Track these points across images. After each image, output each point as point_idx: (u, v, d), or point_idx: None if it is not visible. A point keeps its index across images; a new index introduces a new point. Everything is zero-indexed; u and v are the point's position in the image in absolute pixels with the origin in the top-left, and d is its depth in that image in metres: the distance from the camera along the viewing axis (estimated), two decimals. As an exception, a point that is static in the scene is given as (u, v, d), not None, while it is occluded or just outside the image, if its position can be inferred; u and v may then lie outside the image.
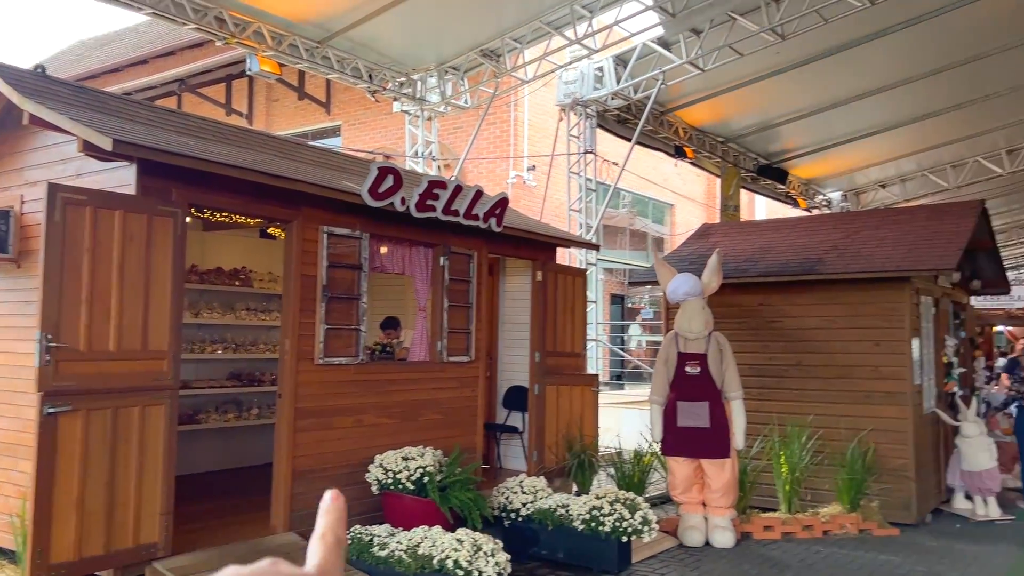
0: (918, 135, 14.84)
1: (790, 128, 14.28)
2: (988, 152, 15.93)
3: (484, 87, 10.79)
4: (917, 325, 7.91)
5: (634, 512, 6.06)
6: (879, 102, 13.03)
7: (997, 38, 11.22)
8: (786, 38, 9.71)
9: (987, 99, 13.27)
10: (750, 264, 8.67)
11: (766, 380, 8.35)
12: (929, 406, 8.22)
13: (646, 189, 17.66)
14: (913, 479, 7.57)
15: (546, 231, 8.03)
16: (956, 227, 8.16)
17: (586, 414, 8.31)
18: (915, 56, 11.66)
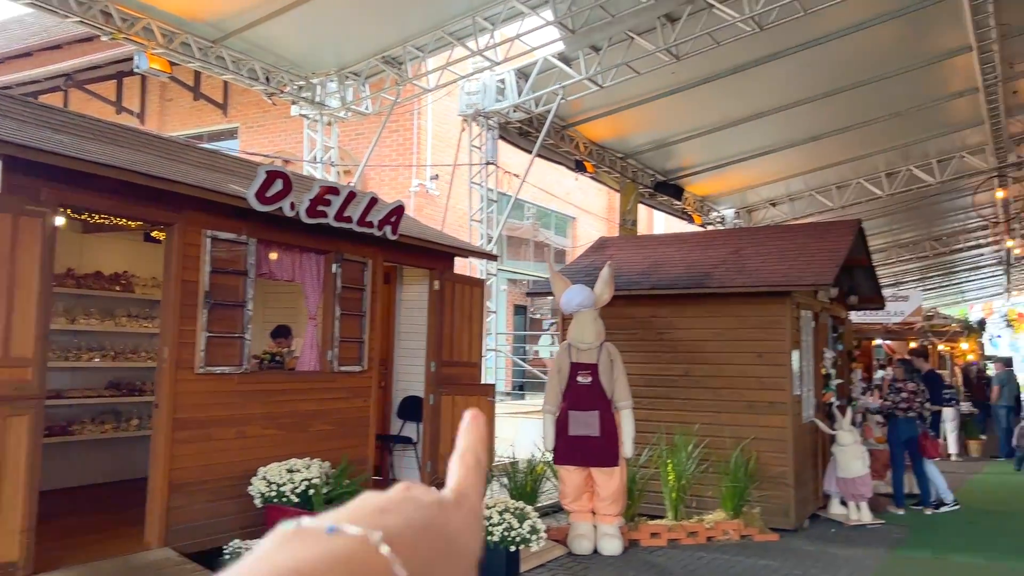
0: (806, 156, 15.55)
1: (686, 146, 14.72)
2: (869, 174, 16.83)
3: (386, 94, 10.71)
4: (797, 338, 8.26)
5: (523, 521, 6.09)
6: (770, 123, 13.59)
7: (878, 67, 11.89)
8: (680, 59, 10.02)
9: (868, 124, 14.04)
10: (643, 277, 8.89)
11: (656, 390, 8.56)
12: (808, 415, 8.59)
13: (549, 202, 17.88)
14: (792, 486, 7.89)
15: (444, 240, 8.02)
16: (834, 245, 8.58)
17: (481, 424, 8.30)
18: (804, 81, 12.22)
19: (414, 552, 0.45)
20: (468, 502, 0.53)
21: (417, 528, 0.47)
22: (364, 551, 0.43)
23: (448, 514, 0.50)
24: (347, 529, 0.44)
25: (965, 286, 34.34)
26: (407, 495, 0.49)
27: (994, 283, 33.49)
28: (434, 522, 0.49)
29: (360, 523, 0.45)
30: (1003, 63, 11.51)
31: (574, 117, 12.61)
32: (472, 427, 0.58)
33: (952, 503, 9.04)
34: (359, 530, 0.44)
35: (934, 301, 34.08)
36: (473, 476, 0.55)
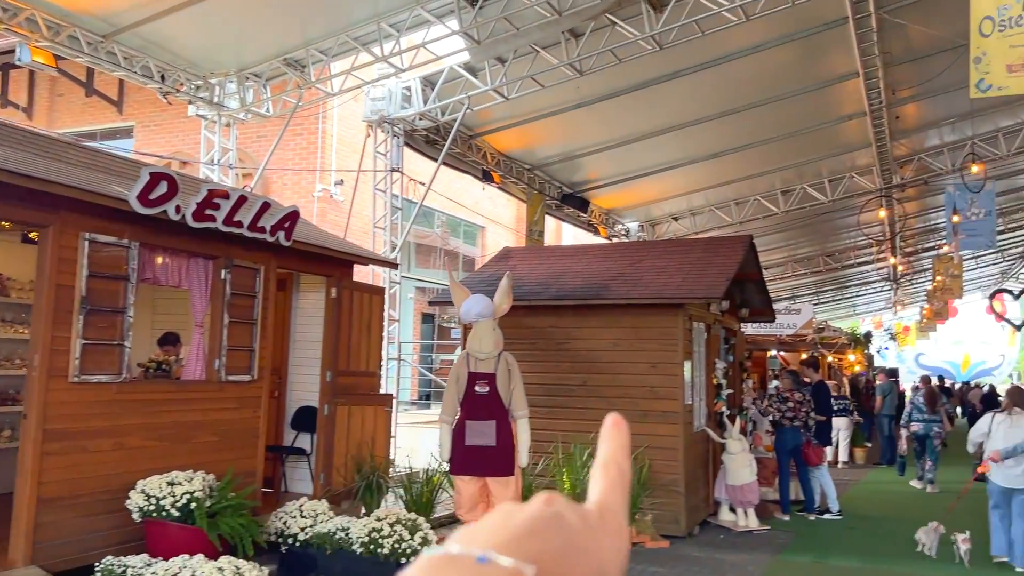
0: (707, 173, 16.04)
1: (592, 159, 14.97)
2: (766, 192, 17.50)
3: (288, 97, 10.51)
4: (690, 349, 8.50)
5: (414, 533, 6.04)
6: (673, 140, 13.97)
7: (774, 88, 12.38)
8: (584, 74, 10.20)
9: (765, 143, 14.59)
10: (543, 288, 8.98)
11: (554, 399, 8.65)
12: (699, 425, 8.84)
13: (458, 211, 17.87)
14: (683, 493, 8.09)
15: (341, 247, 7.89)
16: (726, 260, 8.86)
17: (379, 434, 8.21)
18: (705, 99, 12.62)
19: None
20: (614, 519, 0.51)
21: (568, 555, 0.45)
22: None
23: (595, 534, 0.48)
24: (499, 560, 0.42)
25: (856, 300, 36.04)
26: (552, 512, 0.46)
27: (882, 298, 35.29)
28: (583, 545, 0.46)
29: (511, 552, 0.43)
30: (887, 90, 12.16)
31: (481, 127, 12.66)
32: (614, 434, 0.55)
33: (836, 513, 9.43)
34: (512, 562, 0.42)
35: (827, 314, 35.66)
36: (618, 490, 0.53)
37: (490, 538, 0.44)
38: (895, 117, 13.36)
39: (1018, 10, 7.95)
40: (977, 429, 7.51)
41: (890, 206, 18.97)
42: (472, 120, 12.25)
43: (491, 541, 0.44)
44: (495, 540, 0.44)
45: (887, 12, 10.23)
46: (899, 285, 31.07)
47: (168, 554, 5.27)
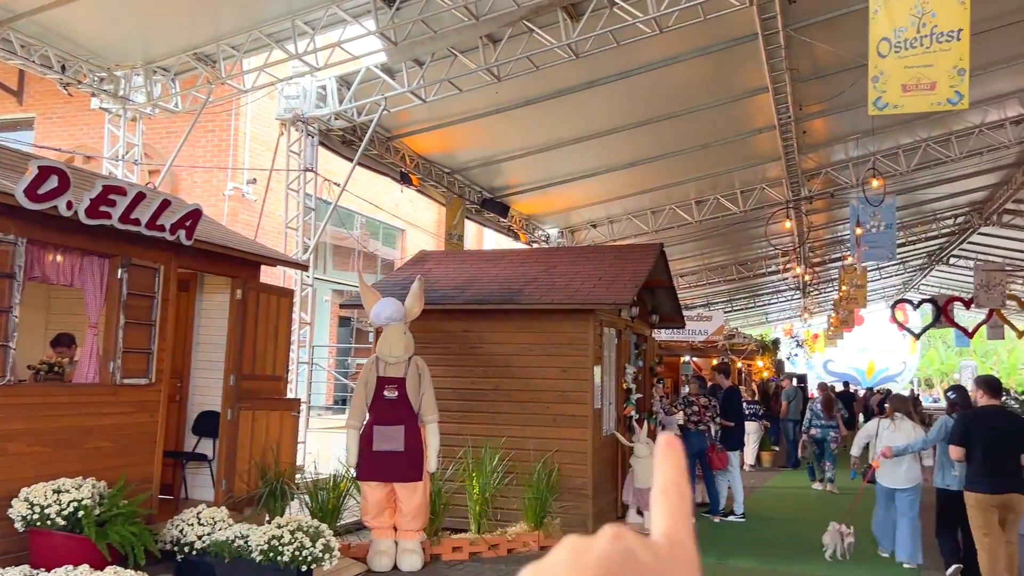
0: (624, 181, 16.30)
1: (513, 165, 15.04)
2: (681, 201, 17.89)
3: (197, 92, 10.20)
4: (600, 354, 8.61)
5: (316, 540, 5.93)
6: (592, 148, 14.14)
7: (689, 100, 12.67)
8: (502, 79, 10.23)
9: (680, 154, 14.93)
10: (458, 292, 8.96)
11: (467, 404, 8.63)
12: (608, 428, 8.96)
13: (379, 213, 17.69)
14: (591, 497, 8.19)
15: (247, 247, 7.70)
16: (637, 266, 9.03)
17: (285, 439, 8.03)
18: (622, 109, 12.81)
19: None
20: (684, 552, 0.48)
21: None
22: None
23: (668, 570, 0.45)
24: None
25: (768, 308, 37.20)
26: (623, 548, 0.44)
27: (793, 306, 36.53)
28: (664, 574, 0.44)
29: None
30: (794, 105, 12.59)
31: (400, 129, 12.57)
32: (668, 456, 0.52)
33: (740, 515, 9.69)
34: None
35: (740, 322, 36.72)
36: (682, 517, 0.50)
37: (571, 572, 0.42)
38: (802, 132, 13.85)
39: (912, 33, 8.35)
40: (863, 432, 7.94)
41: (798, 218, 19.65)
42: (390, 121, 12.15)
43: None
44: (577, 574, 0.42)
45: (794, 30, 10.60)
46: (807, 294, 32.24)
47: (52, 565, 5.05)
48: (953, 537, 6.93)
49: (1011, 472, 6.18)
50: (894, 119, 14.91)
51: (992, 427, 6.31)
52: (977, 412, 6.57)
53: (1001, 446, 6.22)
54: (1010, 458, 6.20)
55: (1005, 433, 6.29)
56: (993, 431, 6.28)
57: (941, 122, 15.75)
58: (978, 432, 6.28)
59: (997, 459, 6.20)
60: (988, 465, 6.20)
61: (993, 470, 6.18)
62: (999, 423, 6.41)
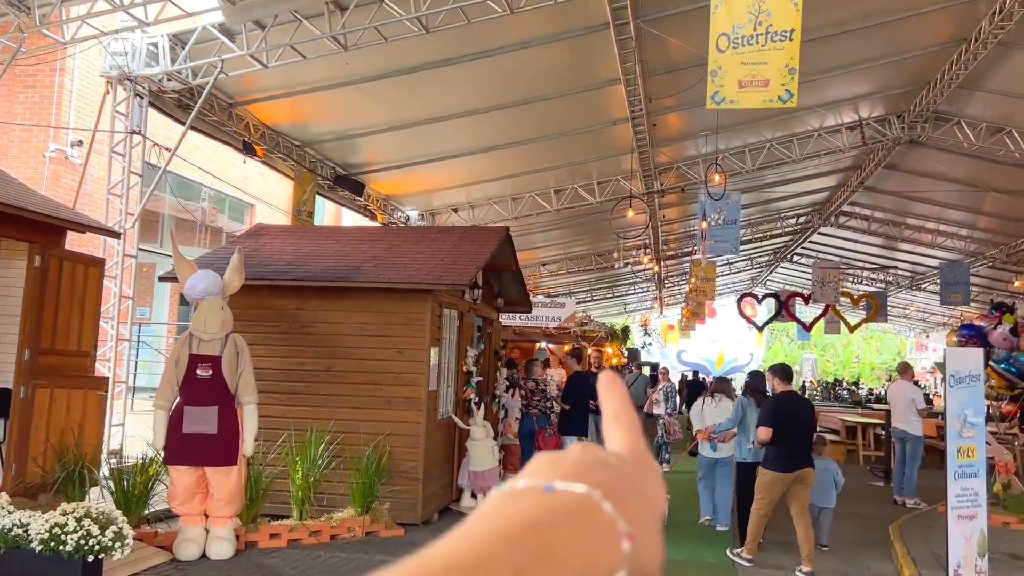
0: (485, 166, 16.19)
1: (369, 141, 14.60)
2: (540, 189, 17.97)
3: (7, 40, 9.23)
4: (438, 335, 8.43)
5: (106, 528, 5.46)
6: (450, 128, 13.90)
7: (547, 86, 12.64)
8: (349, 49, 9.84)
9: (538, 140, 14.95)
10: (291, 267, 8.55)
11: (297, 385, 8.26)
12: (445, 411, 8.81)
13: (226, 186, 16.81)
14: (421, 480, 8.02)
15: (47, 209, 7.00)
16: (480, 248, 8.90)
17: (89, 421, 7.40)
18: (482, 90, 12.63)
19: (628, 508, 0.44)
20: (645, 459, 0.52)
21: (623, 488, 0.46)
22: (588, 507, 0.43)
23: (638, 472, 0.50)
24: (568, 487, 0.43)
25: (627, 299, 38.30)
26: (594, 455, 0.48)
27: (650, 297, 37.75)
28: (632, 482, 0.48)
29: (572, 479, 0.44)
30: (646, 98, 12.83)
31: (244, 96, 11.91)
32: (612, 391, 0.56)
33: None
34: (581, 487, 0.43)
35: (600, 311, 37.67)
36: (638, 434, 0.53)
37: (552, 472, 0.45)
38: (653, 125, 14.14)
39: (749, 30, 8.62)
40: (693, 411, 8.44)
41: (651, 211, 20.21)
42: (233, 87, 11.49)
43: (555, 474, 0.45)
44: (558, 473, 0.45)
45: (644, 22, 10.75)
46: (663, 286, 33.41)
47: None
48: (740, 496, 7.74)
49: (805, 451, 7.02)
50: (740, 117, 15.52)
51: (791, 411, 7.04)
52: (783, 398, 7.27)
53: (799, 428, 6.97)
54: (805, 439, 7.07)
55: (801, 417, 7.08)
56: (792, 415, 7.00)
57: (784, 124, 16.54)
58: (784, 416, 6.94)
59: (795, 440, 6.95)
60: (789, 446, 6.91)
61: (792, 451, 6.90)
62: (796, 408, 7.17)
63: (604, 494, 0.44)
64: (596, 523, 0.42)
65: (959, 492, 5.94)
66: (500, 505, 0.43)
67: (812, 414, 7.32)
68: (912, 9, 11.61)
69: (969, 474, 6.01)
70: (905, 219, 22.96)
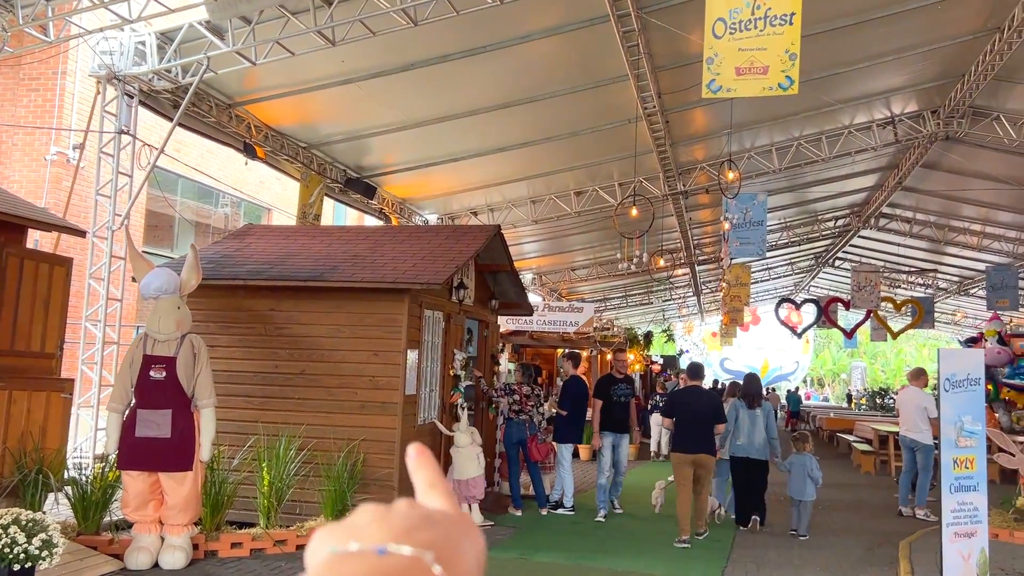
0: (502, 167, 15.82)
1: (381, 143, 14.36)
2: (560, 191, 17.55)
3: (-5, 41, 9.21)
4: (417, 337, 8.09)
5: (34, 536, 5.23)
6: (461, 128, 13.56)
7: (557, 82, 12.20)
8: (336, 44, 9.59)
9: (552, 140, 14.54)
10: (267, 267, 8.30)
11: (270, 388, 8.00)
12: (426, 417, 8.46)
13: (244, 189, 16.81)
14: (396, 489, 7.66)
15: (4, 207, 6.86)
16: (464, 247, 8.55)
17: (52, 424, 7.24)
18: (487, 87, 12.26)
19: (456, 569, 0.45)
20: (466, 518, 0.52)
21: (453, 545, 0.46)
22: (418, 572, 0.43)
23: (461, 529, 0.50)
24: (398, 550, 0.44)
25: (666, 305, 37.49)
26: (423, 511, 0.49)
27: (690, 304, 36.88)
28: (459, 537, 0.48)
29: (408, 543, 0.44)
30: (656, 94, 12.35)
31: (244, 95, 11.77)
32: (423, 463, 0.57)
33: (569, 508, 9.33)
34: (412, 550, 0.44)
35: (639, 319, 36.98)
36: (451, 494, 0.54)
37: (382, 532, 0.45)
38: (666, 122, 13.64)
39: (747, 14, 8.12)
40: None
41: (679, 213, 19.62)
42: (232, 87, 11.36)
43: (384, 534, 0.45)
44: (388, 533, 0.45)
45: (647, 13, 10.30)
46: (701, 292, 32.59)
47: None
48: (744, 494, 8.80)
49: (703, 437, 8.10)
50: (764, 114, 14.91)
51: (690, 403, 8.29)
52: (681, 391, 8.78)
53: (691, 418, 8.17)
54: (699, 427, 8.11)
55: (693, 408, 8.23)
56: (685, 405, 8.29)
57: (812, 121, 15.85)
58: (680, 407, 8.33)
59: (688, 428, 8.14)
60: (683, 432, 8.16)
61: (686, 436, 8.11)
62: (692, 400, 8.37)
63: (435, 556, 0.44)
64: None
65: (956, 507, 5.37)
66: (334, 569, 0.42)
67: (710, 407, 8.30)
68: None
69: (968, 487, 5.43)
70: (949, 221, 21.94)
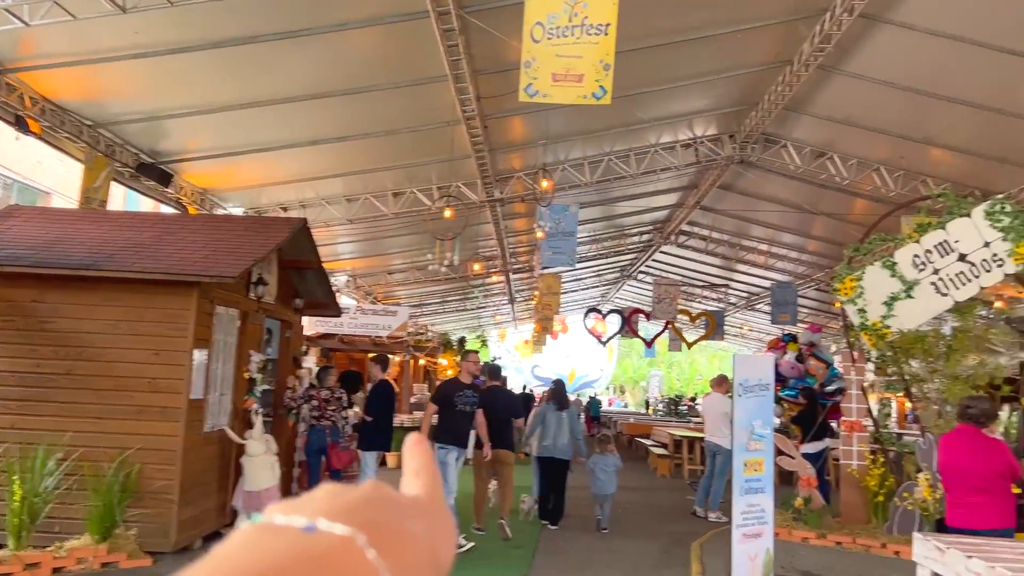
0: (315, 161, 15.10)
1: (180, 127, 13.21)
2: (377, 191, 17.05)
3: None
4: (206, 335, 7.42)
5: None
6: (271, 117, 12.75)
7: (375, 76, 11.76)
8: (128, 11, 8.69)
9: (367, 136, 14.07)
10: (32, 253, 7.31)
11: (30, 391, 7.04)
12: (216, 423, 7.78)
13: (17, 169, 14.98)
14: (176, 502, 6.96)
15: None
16: (265, 240, 7.97)
17: None
18: (300, 75, 11.61)
19: (400, 559, 0.39)
20: (441, 508, 0.48)
21: (401, 531, 0.41)
22: (347, 554, 0.38)
23: (427, 517, 0.45)
24: (329, 528, 0.38)
25: (482, 313, 37.81)
26: (383, 493, 0.44)
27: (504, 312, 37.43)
28: (416, 525, 0.43)
29: (341, 520, 0.39)
30: (476, 97, 12.26)
31: (18, 61, 10.41)
32: (418, 451, 0.52)
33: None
34: (344, 530, 0.38)
35: (455, 324, 37.02)
36: (438, 487, 0.49)
37: (317, 508, 0.40)
38: (484, 127, 13.61)
39: (565, 20, 8.17)
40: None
41: (495, 221, 19.74)
42: (3, 50, 10.01)
43: (318, 511, 0.40)
44: (323, 510, 0.40)
45: (469, 13, 10.17)
46: (515, 300, 33.13)
47: None
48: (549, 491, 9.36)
49: (499, 434, 8.41)
50: (578, 127, 15.27)
51: (489, 401, 8.48)
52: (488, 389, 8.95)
53: (494, 417, 8.42)
54: (500, 425, 8.42)
55: (496, 407, 8.51)
56: (489, 403, 8.45)
57: (623, 138, 16.45)
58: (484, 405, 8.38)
59: (495, 425, 8.38)
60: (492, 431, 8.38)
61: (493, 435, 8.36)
62: (493, 399, 8.61)
63: (371, 539, 0.39)
64: (354, 573, 0.37)
65: (745, 509, 5.56)
66: (248, 541, 0.37)
67: (509, 406, 8.83)
68: (737, 24, 11.64)
69: (756, 489, 5.64)
70: (741, 240, 23.62)
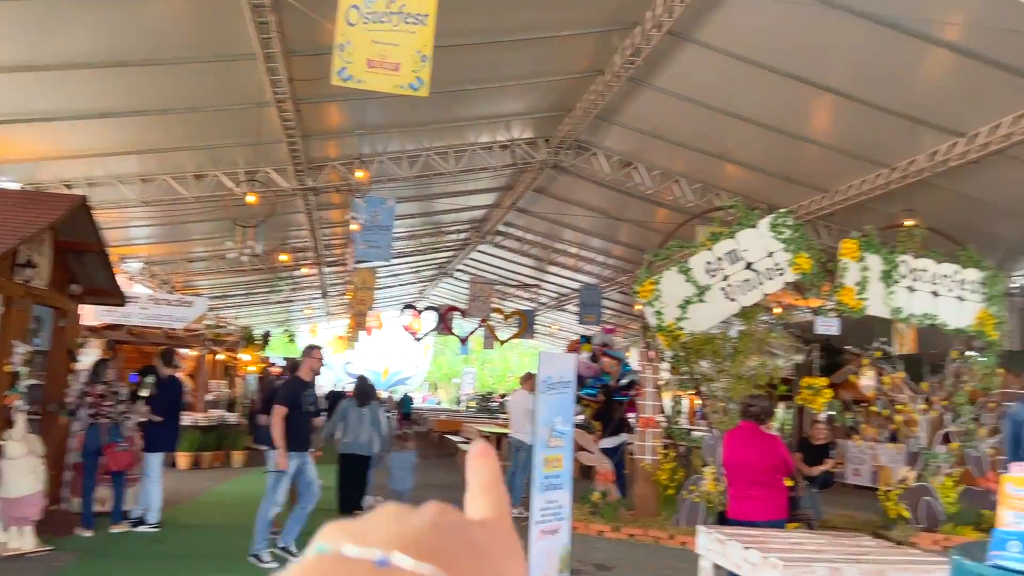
0: (106, 136, 13.82)
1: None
2: (176, 172, 15.88)
3: None
4: (-42, 322, 6.52)
5: None
6: (55, 82, 11.44)
7: (178, 49, 10.87)
8: None
9: (166, 112, 13.04)
10: None
11: None
12: (-33, 422, 6.86)
13: None
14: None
15: None
16: (35, 218, 7.13)
17: None
18: (88, 38, 10.49)
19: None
20: (510, 536, 0.45)
21: (479, 568, 0.40)
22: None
23: (498, 548, 0.43)
24: (408, 564, 0.36)
25: (291, 307, 36.41)
26: (452, 521, 0.41)
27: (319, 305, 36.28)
28: (488, 559, 0.41)
29: (414, 554, 0.37)
30: (288, 78, 11.71)
31: None
32: (484, 464, 0.49)
33: (155, 524, 8.22)
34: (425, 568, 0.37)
35: (263, 319, 35.42)
36: (505, 511, 0.47)
37: (387, 539, 0.38)
38: (297, 111, 13.05)
39: (382, 6, 7.93)
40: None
41: (309, 211, 19.05)
42: None
43: (390, 542, 0.38)
44: (394, 540, 0.38)
45: (282, -10, 9.66)
46: (328, 294, 32.22)
47: None
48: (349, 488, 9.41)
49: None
50: (398, 120, 15.02)
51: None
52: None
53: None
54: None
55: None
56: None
57: (442, 134, 16.39)
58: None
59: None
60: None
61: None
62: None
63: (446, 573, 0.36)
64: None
65: (544, 505, 5.63)
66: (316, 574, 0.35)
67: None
68: (556, 29, 11.88)
69: (555, 486, 5.72)
70: (553, 243, 24.33)
